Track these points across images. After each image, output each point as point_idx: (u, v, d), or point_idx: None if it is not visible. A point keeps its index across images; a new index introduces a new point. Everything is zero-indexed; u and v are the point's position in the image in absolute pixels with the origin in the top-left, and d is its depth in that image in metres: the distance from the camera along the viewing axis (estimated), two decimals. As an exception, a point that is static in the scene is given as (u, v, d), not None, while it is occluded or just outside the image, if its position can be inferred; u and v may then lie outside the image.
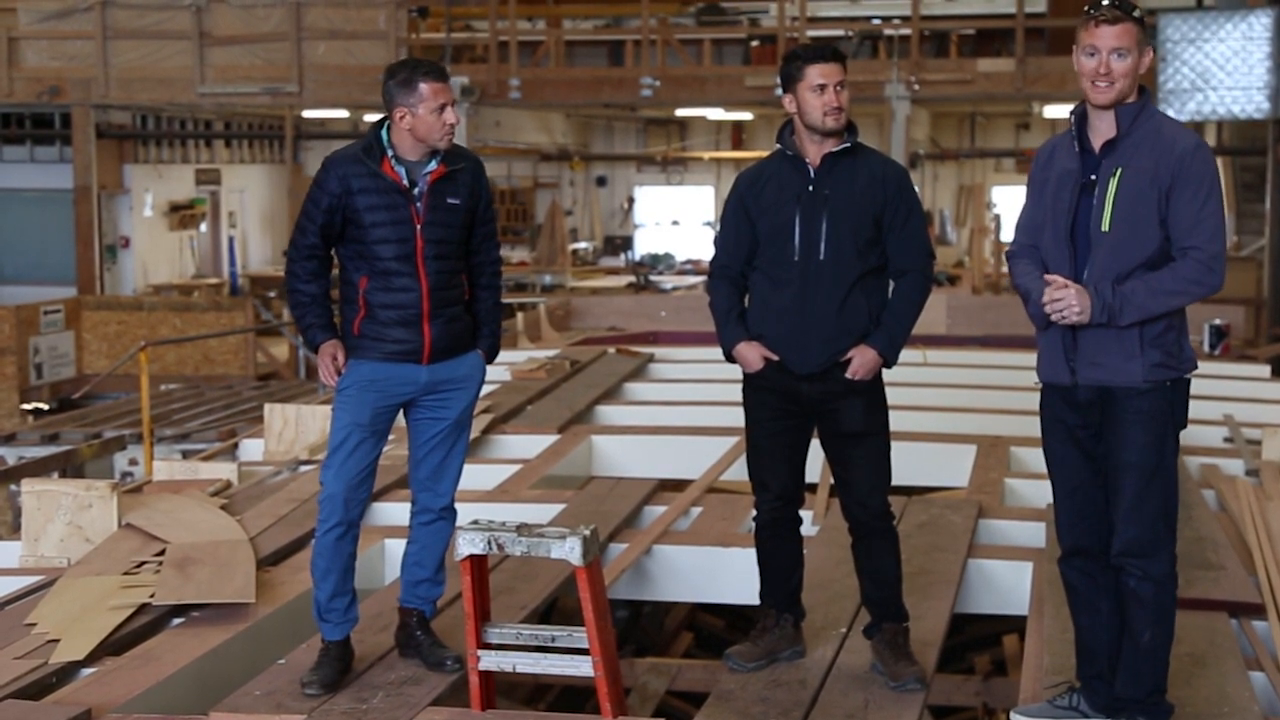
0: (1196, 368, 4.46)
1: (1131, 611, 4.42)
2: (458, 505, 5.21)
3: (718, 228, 5.24)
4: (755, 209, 5.02)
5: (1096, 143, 4.40)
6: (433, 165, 4.95)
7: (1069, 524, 4.54)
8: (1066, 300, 4.32)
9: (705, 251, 29.55)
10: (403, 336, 4.96)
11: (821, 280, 4.91)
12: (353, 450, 4.96)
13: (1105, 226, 4.33)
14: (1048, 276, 4.39)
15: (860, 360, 4.92)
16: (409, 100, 4.87)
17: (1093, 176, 4.37)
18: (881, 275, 5.00)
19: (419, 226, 4.92)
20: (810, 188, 4.93)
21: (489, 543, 4.60)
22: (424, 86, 4.87)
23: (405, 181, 4.92)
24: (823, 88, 4.86)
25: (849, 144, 4.95)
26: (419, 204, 4.93)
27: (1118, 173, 4.33)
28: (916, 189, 5.12)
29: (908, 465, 7.56)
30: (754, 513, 5.19)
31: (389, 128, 4.95)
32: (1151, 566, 4.37)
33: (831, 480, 6.45)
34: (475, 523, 4.68)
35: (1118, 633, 4.52)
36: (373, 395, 4.97)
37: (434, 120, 4.88)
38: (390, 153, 4.93)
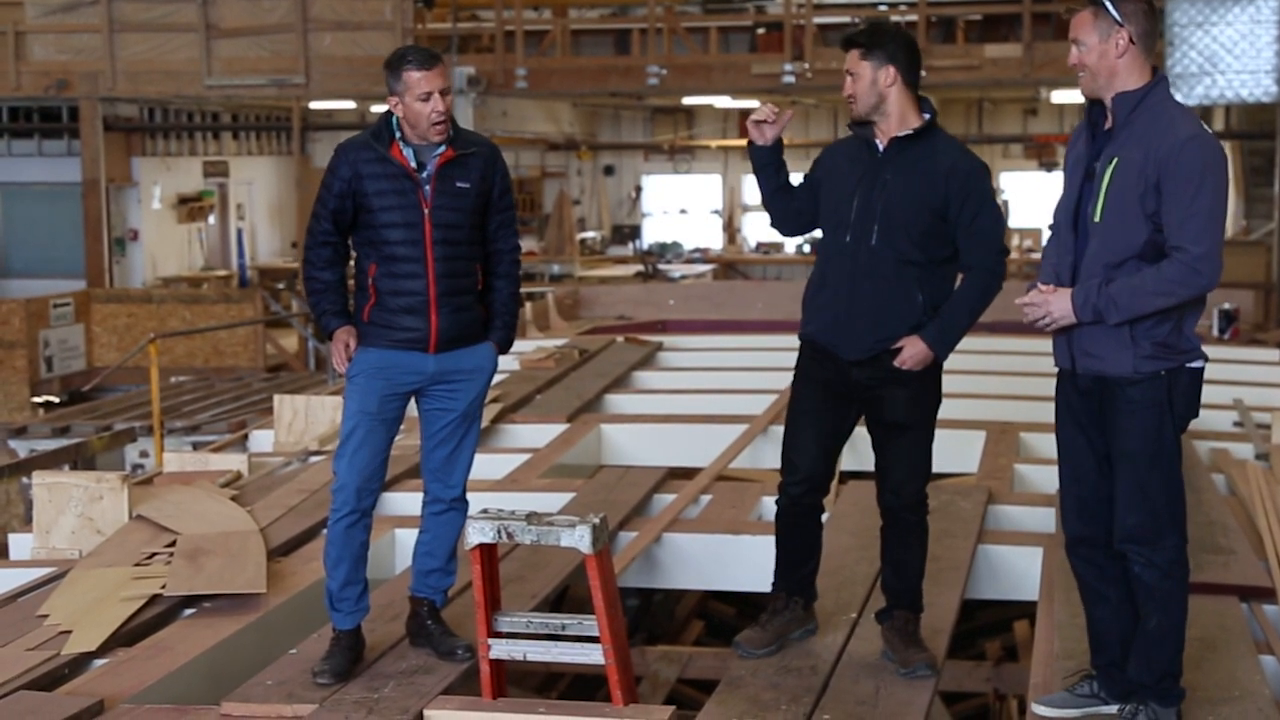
0: (1202, 358, 4.37)
1: (1138, 597, 4.42)
2: (468, 495, 5.22)
3: None
4: (824, 181, 5.02)
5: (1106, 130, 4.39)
6: (441, 149, 4.94)
7: (1073, 511, 4.53)
8: (1044, 309, 4.33)
9: (714, 240, 29.56)
10: (410, 324, 4.95)
11: (872, 265, 4.85)
12: (363, 439, 4.97)
13: (1097, 217, 4.31)
14: (1035, 289, 4.39)
15: (909, 350, 4.86)
16: (398, 88, 4.88)
17: (1095, 164, 4.35)
18: (946, 267, 4.92)
19: (427, 211, 4.91)
20: (874, 170, 4.88)
21: (499, 531, 4.60)
22: (407, 75, 4.86)
23: (413, 163, 4.92)
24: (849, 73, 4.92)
25: (914, 130, 4.87)
26: (426, 188, 4.92)
27: (1114, 162, 4.28)
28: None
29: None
30: (776, 495, 5.15)
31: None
32: (1155, 554, 4.35)
33: (842, 467, 6.43)
34: (485, 512, 4.68)
35: (1129, 620, 4.51)
36: (380, 383, 4.97)
37: (420, 108, 4.86)
38: (398, 135, 4.93)
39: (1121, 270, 4.27)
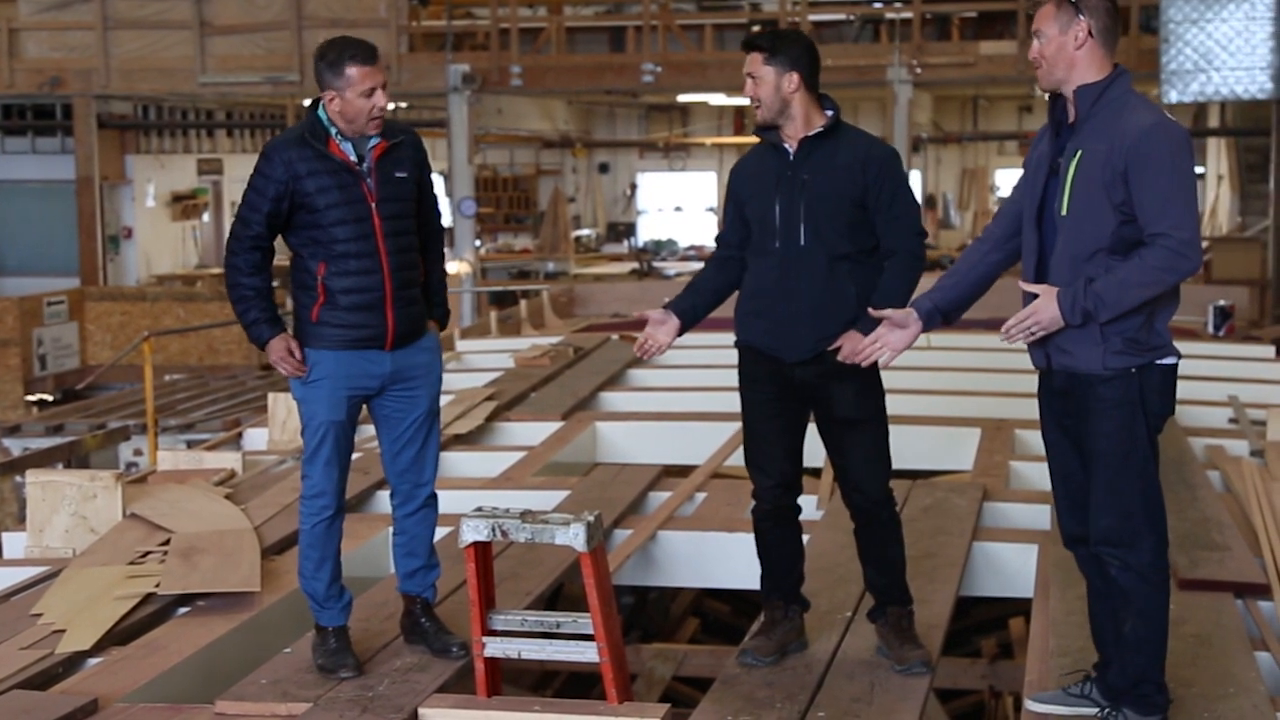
0: (1174, 355, 4.32)
1: (1115, 601, 4.35)
2: (462, 493, 5.21)
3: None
4: (745, 195, 5.03)
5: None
6: (375, 141, 4.89)
7: (1065, 511, 4.50)
8: (1031, 321, 4.25)
9: (708, 237, 29.59)
10: (365, 321, 4.88)
11: (803, 266, 4.87)
12: (335, 447, 4.93)
13: (1063, 211, 4.27)
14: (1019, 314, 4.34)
15: (849, 346, 4.85)
16: (337, 83, 4.80)
17: (1060, 159, 4.32)
18: (873, 258, 4.94)
19: (374, 205, 4.86)
20: (789, 173, 4.90)
21: (493, 529, 4.60)
22: (351, 70, 4.78)
23: (353, 157, 4.86)
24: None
25: (822, 129, 4.91)
26: (369, 180, 4.87)
27: (1077, 156, 4.25)
28: (914, 171, 5.07)
29: (912, 449, 7.54)
30: (753, 502, 5.16)
31: (325, 108, 4.88)
32: (1130, 556, 4.28)
33: (836, 464, 6.39)
34: (479, 510, 4.68)
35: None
36: (345, 388, 4.91)
37: (362, 104, 4.80)
38: (334, 131, 4.87)
39: (1091, 264, 4.22)
